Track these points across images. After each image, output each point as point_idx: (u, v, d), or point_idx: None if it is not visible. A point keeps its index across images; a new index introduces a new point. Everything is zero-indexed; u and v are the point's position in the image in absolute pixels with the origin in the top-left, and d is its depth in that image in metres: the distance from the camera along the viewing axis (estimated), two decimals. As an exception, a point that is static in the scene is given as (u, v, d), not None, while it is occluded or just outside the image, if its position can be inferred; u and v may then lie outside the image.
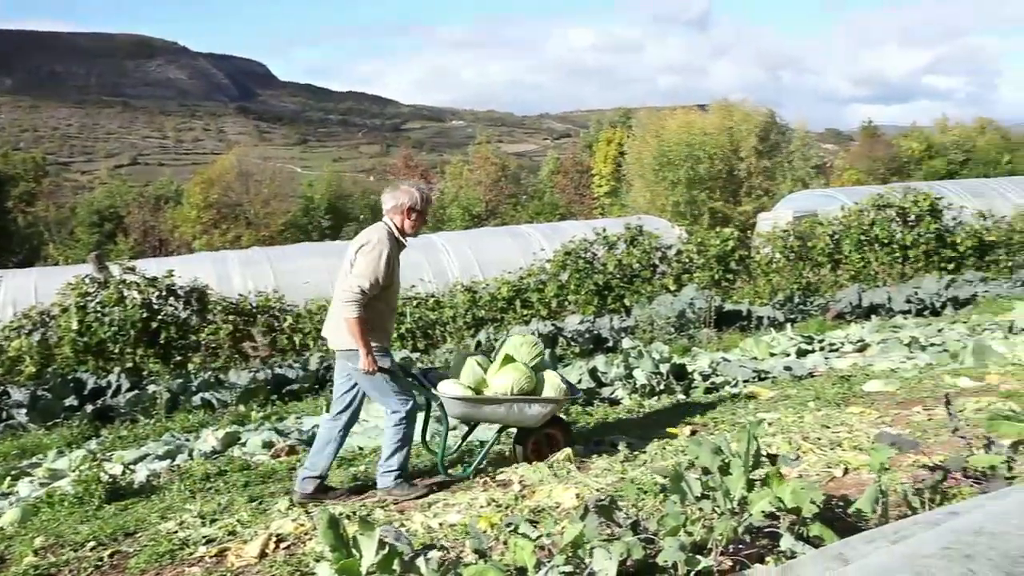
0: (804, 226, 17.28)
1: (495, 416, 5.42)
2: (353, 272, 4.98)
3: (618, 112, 61.78)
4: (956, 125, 56.13)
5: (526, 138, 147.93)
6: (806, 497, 3.33)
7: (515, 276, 14.62)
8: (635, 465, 5.33)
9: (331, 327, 5.18)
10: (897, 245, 16.31)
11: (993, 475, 4.08)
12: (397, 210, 5.19)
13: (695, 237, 15.70)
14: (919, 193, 17.25)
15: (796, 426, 5.92)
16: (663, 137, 38.54)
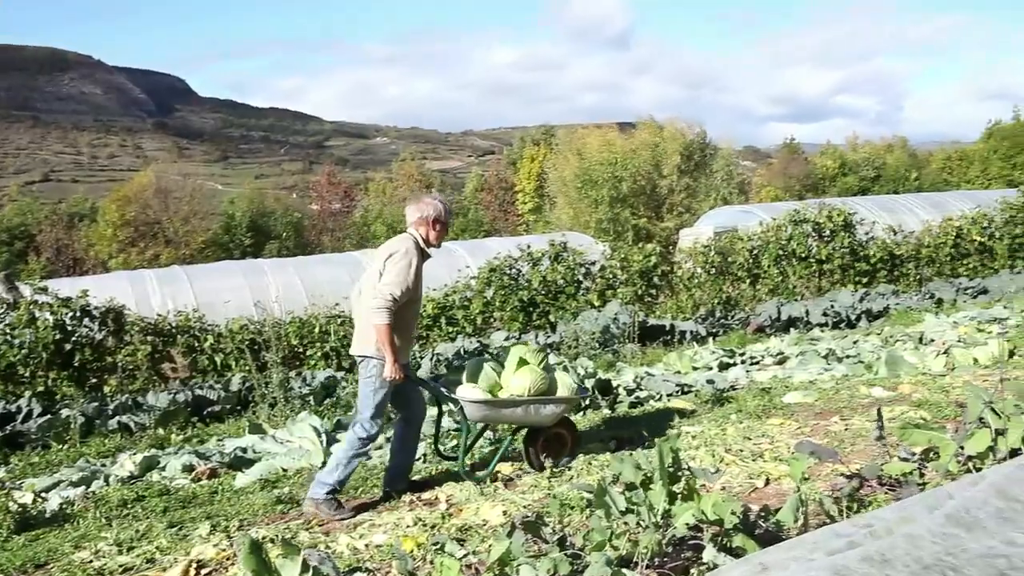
0: (724, 242, 17.63)
1: (513, 417, 5.61)
2: (384, 280, 5.08)
3: (541, 129, 62.26)
4: (867, 143, 58.13)
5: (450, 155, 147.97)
6: (728, 508, 3.38)
7: (440, 293, 14.58)
8: (561, 481, 5.35)
9: (356, 335, 5.32)
10: (814, 259, 16.77)
11: (906, 482, 4.20)
12: (422, 221, 5.32)
13: (618, 253, 15.87)
14: (833, 209, 17.79)
15: (719, 438, 6.01)
16: (585, 155, 38.94)
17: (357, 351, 5.26)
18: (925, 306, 13.64)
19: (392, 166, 59.50)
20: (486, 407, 5.50)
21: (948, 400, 6.54)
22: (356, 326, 5.36)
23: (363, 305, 5.20)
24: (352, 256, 19.29)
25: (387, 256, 5.18)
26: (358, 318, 5.33)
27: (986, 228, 19.02)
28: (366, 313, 5.12)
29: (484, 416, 5.59)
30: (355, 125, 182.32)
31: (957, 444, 4.22)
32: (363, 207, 51.43)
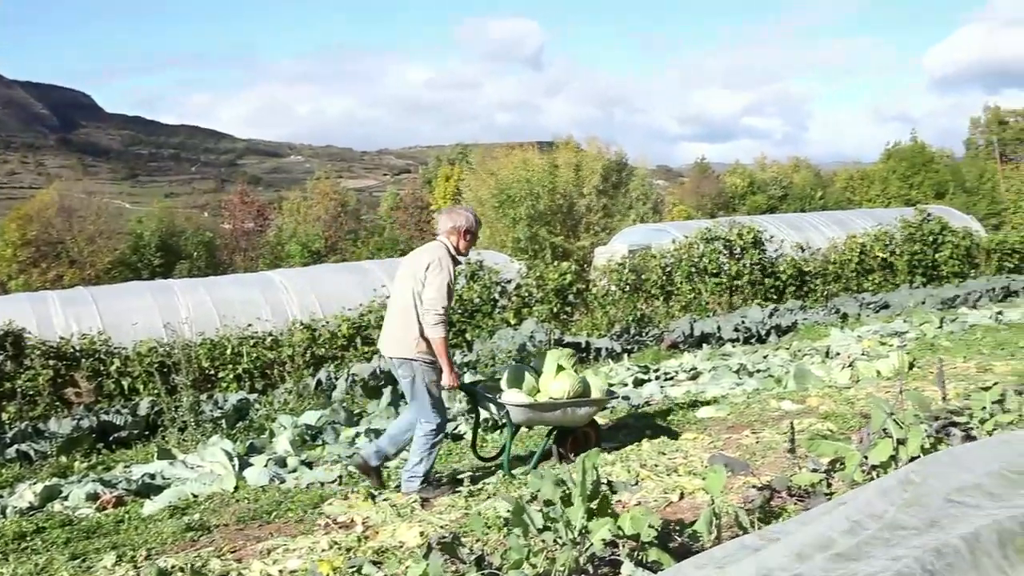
0: (638, 259, 17.89)
1: (552, 419, 6.00)
2: (428, 295, 5.35)
3: (457, 148, 62.36)
4: (774, 163, 59.89)
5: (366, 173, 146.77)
6: (644, 523, 3.42)
7: (356, 313, 14.42)
8: (479, 500, 5.34)
9: (392, 338, 5.56)
10: (725, 276, 17.14)
11: (814, 492, 4.32)
12: (454, 231, 5.62)
13: (534, 271, 15.95)
14: (744, 227, 18.24)
15: (634, 454, 6.08)
16: (501, 175, 39.13)
17: (395, 353, 5.51)
18: (831, 321, 14.06)
19: (307, 184, 58.61)
20: (529, 410, 5.88)
21: (853, 411, 6.75)
22: (387, 328, 5.64)
23: (401, 310, 5.51)
24: (266, 276, 18.92)
25: (425, 266, 5.43)
26: (388, 321, 5.66)
27: (888, 245, 19.75)
28: (409, 319, 5.42)
29: (527, 419, 5.98)
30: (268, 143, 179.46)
31: (862, 454, 4.35)
32: (277, 226, 50.59)
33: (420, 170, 77.45)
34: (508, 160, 40.23)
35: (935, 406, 5.20)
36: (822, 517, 2.29)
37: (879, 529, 2.24)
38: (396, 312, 5.57)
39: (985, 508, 2.13)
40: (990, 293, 16.80)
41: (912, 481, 2.39)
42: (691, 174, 62.71)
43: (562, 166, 39.04)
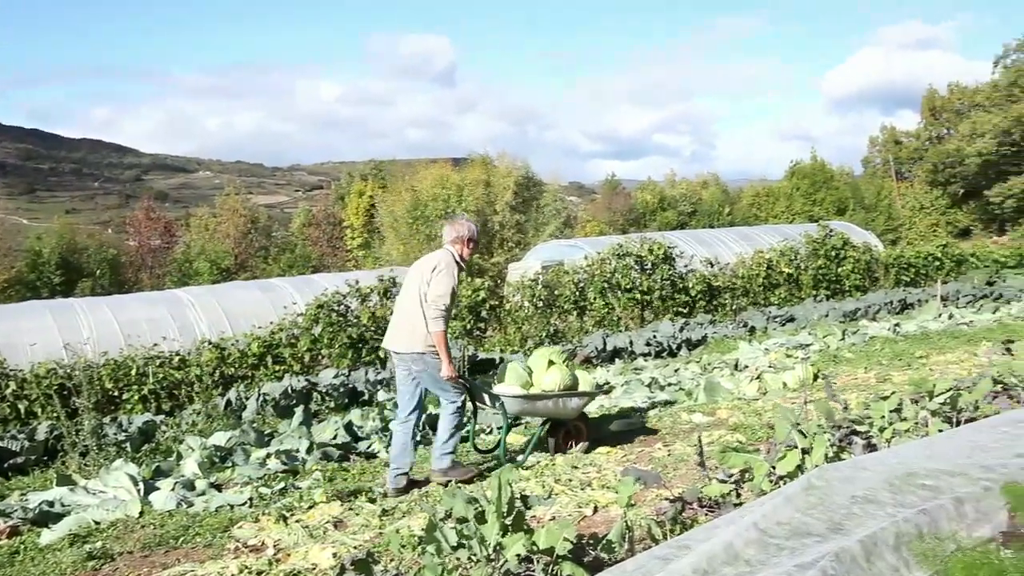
0: (551, 275, 18.04)
1: (545, 409, 6.37)
2: (433, 293, 5.80)
3: (369, 164, 61.89)
4: (683, 180, 61.07)
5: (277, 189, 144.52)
6: (559, 536, 3.43)
7: (266, 331, 14.16)
8: (394, 519, 5.28)
9: (401, 335, 5.98)
10: (637, 291, 17.40)
11: (724, 503, 4.40)
12: (458, 240, 6.10)
13: (448, 288, 15.91)
14: (654, 242, 18.56)
15: (548, 469, 6.10)
16: (416, 191, 39.01)
17: (405, 348, 5.93)
18: (740, 334, 14.39)
19: (216, 201, 57.33)
20: (523, 401, 6.25)
21: (761, 423, 6.90)
22: (396, 327, 6.08)
23: (409, 311, 5.93)
24: (173, 294, 18.43)
25: (432, 269, 5.90)
26: (396, 320, 6.10)
27: (793, 260, 20.35)
28: (417, 318, 5.84)
29: (521, 409, 6.36)
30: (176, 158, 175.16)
31: (769, 464, 4.45)
32: (185, 243, 49.36)
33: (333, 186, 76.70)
34: (424, 176, 40.13)
35: (838, 416, 5.35)
36: (730, 526, 2.34)
37: (785, 537, 2.29)
38: (404, 313, 6.00)
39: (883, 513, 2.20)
40: (888, 306, 17.44)
41: (815, 488, 2.46)
42: (603, 190, 63.55)
43: (474, 182, 39.12)
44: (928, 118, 56.12)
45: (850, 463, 2.84)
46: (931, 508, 2.21)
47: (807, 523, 2.29)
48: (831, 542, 2.17)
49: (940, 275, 22.75)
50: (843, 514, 2.39)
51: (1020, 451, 2.77)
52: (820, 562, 1.98)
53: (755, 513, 2.39)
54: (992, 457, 2.75)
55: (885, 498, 2.43)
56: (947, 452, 3.01)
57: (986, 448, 2.90)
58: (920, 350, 10.54)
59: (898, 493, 2.42)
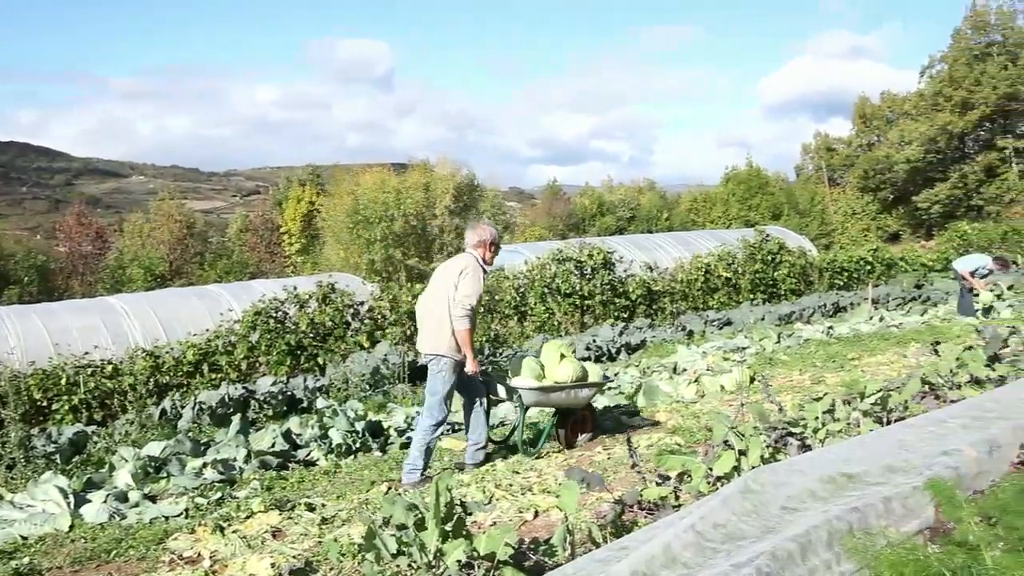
0: (491, 280, 18.04)
1: (558, 400, 6.67)
2: (460, 294, 6.07)
3: (308, 169, 61.25)
4: (622, 185, 61.65)
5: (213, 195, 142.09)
6: (500, 541, 3.42)
7: (202, 338, 13.92)
8: (333, 527, 5.22)
9: (430, 338, 6.22)
10: (578, 296, 17.49)
11: (663, 505, 4.43)
12: (480, 244, 6.37)
13: (387, 293, 15.83)
14: (594, 248, 18.70)
15: (489, 474, 6.10)
16: (357, 195, 38.74)
17: (430, 350, 6.18)
18: (678, 338, 14.56)
19: (150, 206, 56.13)
20: (539, 392, 6.55)
21: (699, 425, 6.98)
22: (426, 330, 6.30)
23: (435, 313, 6.17)
24: (106, 301, 18.01)
25: (459, 272, 6.15)
26: (425, 323, 6.31)
27: (731, 264, 20.67)
28: (443, 319, 6.09)
29: (536, 400, 6.61)
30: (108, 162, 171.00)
31: (707, 466, 4.51)
32: (118, 249, 48.25)
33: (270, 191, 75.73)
34: (364, 181, 39.87)
35: (773, 418, 5.44)
36: (668, 529, 2.36)
37: (721, 540, 2.32)
38: (432, 314, 6.24)
39: (816, 511, 2.24)
40: (822, 309, 17.82)
41: (751, 490, 2.50)
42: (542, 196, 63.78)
43: (414, 187, 38.99)
44: (859, 125, 57.52)
45: (785, 464, 2.89)
46: (861, 506, 2.26)
47: (743, 525, 2.32)
48: (766, 541, 2.20)
49: (871, 279, 23.32)
50: (778, 514, 2.43)
51: (946, 449, 2.85)
52: (756, 560, 2.01)
53: (693, 516, 2.42)
54: (919, 456, 2.82)
55: (819, 497, 2.48)
56: (878, 451, 3.08)
57: (913, 447, 2.97)
58: (852, 352, 10.77)
59: (831, 492, 2.46)
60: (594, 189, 60.21)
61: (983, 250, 26.36)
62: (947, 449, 2.86)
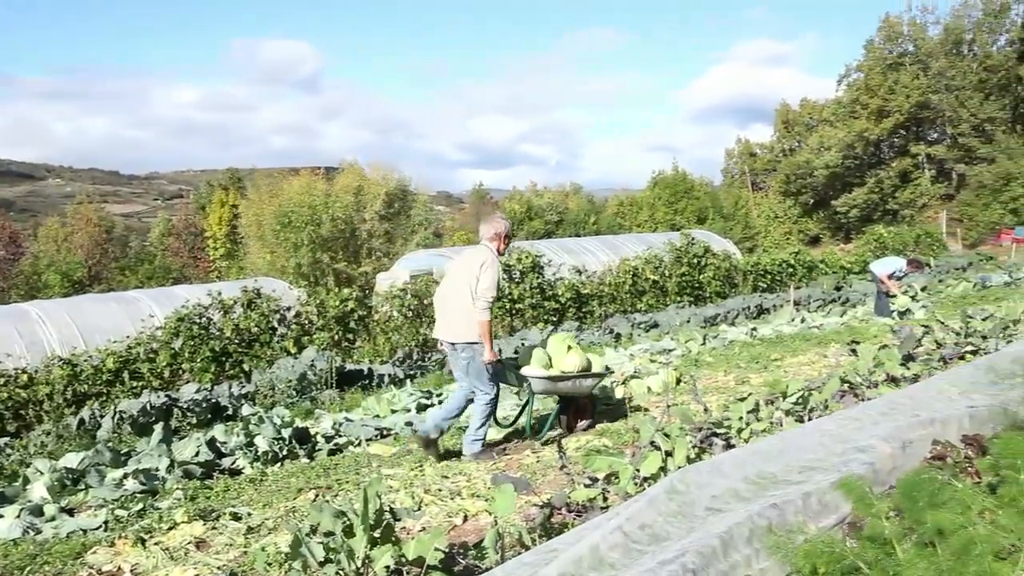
0: (420, 284, 17.97)
1: (564, 388, 7.02)
2: (482, 286, 6.37)
3: (232, 172, 60.23)
4: (549, 189, 62.01)
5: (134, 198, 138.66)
6: (429, 546, 3.42)
7: (123, 345, 13.57)
8: (259, 536, 5.14)
9: (456, 327, 6.53)
10: (506, 300, 17.52)
11: (591, 507, 4.47)
12: (496, 237, 6.73)
13: (314, 298, 15.65)
14: (523, 251, 18.77)
15: (418, 480, 6.07)
16: (283, 199, 38.23)
17: (459, 339, 6.49)
18: (606, 341, 14.69)
19: (67, 209, 54.54)
20: (548, 381, 6.91)
21: (627, 427, 7.06)
22: (448, 320, 6.60)
23: (459, 302, 6.47)
24: (20, 308, 17.42)
25: (480, 265, 6.44)
26: (449, 313, 6.59)
27: (658, 268, 20.96)
28: (468, 308, 6.39)
29: (544, 388, 6.99)
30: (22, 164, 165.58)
31: (634, 467, 4.56)
32: (33, 254, 46.77)
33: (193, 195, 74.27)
34: (291, 184, 39.37)
35: (699, 418, 5.53)
36: (595, 530, 2.38)
37: (648, 540, 2.35)
38: (456, 306, 6.51)
39: (739, 509, 2.29)
40: (746, 311, 18.17)
41: (677, 490, 2.54)
42: (471, 200, 63.86)
43: (343, 190, 38.67)
44: (781, 131, 58.91)
45: (708, 464, 2.94)
46: (781, 502, 2.31)
47: (669, 526, 2.36)
48: (692, 539, 2.24)
49: (793, 281, 23.88)
50: (703, 515, 2.47)
51: (861, 445, 2.93)
52: (681, 558, 2.04)
53: (620, 517, 2.45)
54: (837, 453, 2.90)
55: (742, 496, 2.53)
56: (798, 449, 3.15)
57: (832, 445, 3.05)
58: (775, 353, 11.01)
59: (753, 491, 2.52)
60: (522, 193, 60.43)
61: (898, 253, 27.29)
62: (863, 446, 2.95)
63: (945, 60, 48.29)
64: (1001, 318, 10.53)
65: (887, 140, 52.04)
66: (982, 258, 28.92)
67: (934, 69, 48.20)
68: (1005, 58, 47.10)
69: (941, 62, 48.19)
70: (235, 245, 48.00)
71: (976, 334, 9.37)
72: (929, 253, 30.81)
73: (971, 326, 9.86)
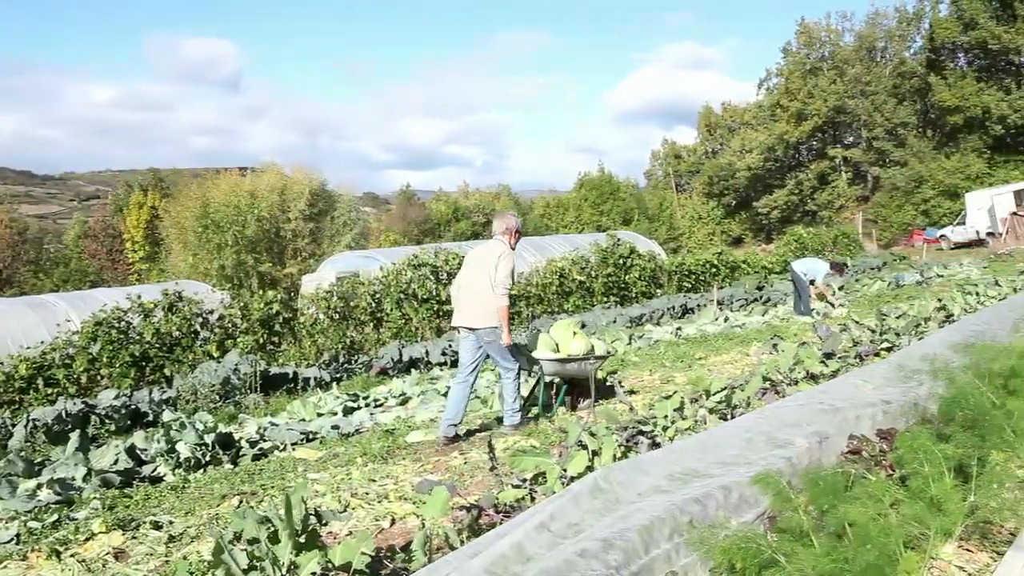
0: (347, 286, 17.80)
1: (571, 370, 7.60)
2: (500, 276, 6.93)
3: (152, 173, 58.82)
4: (477, 191, 62.04)
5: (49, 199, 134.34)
6: (355, 551, 3.38)
7: (36, 351, 13.14)
8: (181, 545, 5.03)
9: (477, 314, 7.00)
10: (434, 301, 17.46)
11: (519, 507, 4.48)
12: (507, 231, 7.24)
13: (238, 301, 15.37)
14: (450, 253, 18.73)
15: (345, 483, 6.01)
16: (206, 199, 37.49)
17: (480, 324, 6.97)
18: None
19: (-25, 211, 52.60)
20: (557, 364, 7.55)
21: (554, 427, 7.09)
22: (468, 307, 7.06)
23: (478, 290, 6.99)
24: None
25: (497, 256, 6.99)
26: (469, 302, 7.06)
27: (584, 268, 21.12)
28: (485, 295, 6.92)
29: (555, 370, 7.57)
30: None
31: (561, 467, 4.59)
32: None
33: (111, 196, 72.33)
34: (214, 185, 38.62)
35: (625, 417, 5.60)
36: (519, 528, 2.39)
37: (573, 536, 2.37)
38: (477, 294, 7.00)
39: (660, 506, 2.32)
40: (671, 311, 18.43)
41: (601, 488, 2.56)
42: (397, 201, 63.50)
43: (266, 191, 38.10)
44: (704, 134, 59.95)
45: (632, 461, 2.97)
46: (703, 497, 2.35)
47: (593, 521, 2.38)
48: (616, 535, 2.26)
49: (717, 281, 24.31)
50: (626, 509, 2.49)
51: (781, 441, 3.00)
52: (604, 555, 2.06)
53: (543, 513, 2.46)
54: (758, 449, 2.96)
55: (665, 491, 2.56)
56: (721, 446, 3.21)
57: (753, 441, 3.12)
58: (699, 352, 11.19)
59: (676, 487, 2.55)
60: (449, 195, 60.36)
61: (817, 253, 28.02)
62: (782, 441, 3.01)
63: (860, 66, 49.72)
64: (913, 316, 10.90)
65: (806, 143, 53.42)
66: (896, 258, 29.83)
67: (850, 74, 49.58)
68: (917, 65, 48.70)
69: (856, 68, 49.61)
70: (156, 247, 46.90)
71: (891, 332, 9.69)
72: (846, 253, 31.70)
73: (886, 324, 10.19)
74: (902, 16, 50.47)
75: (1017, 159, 43.71)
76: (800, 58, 52.43)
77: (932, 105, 47.21)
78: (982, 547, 3.45)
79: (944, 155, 44.98)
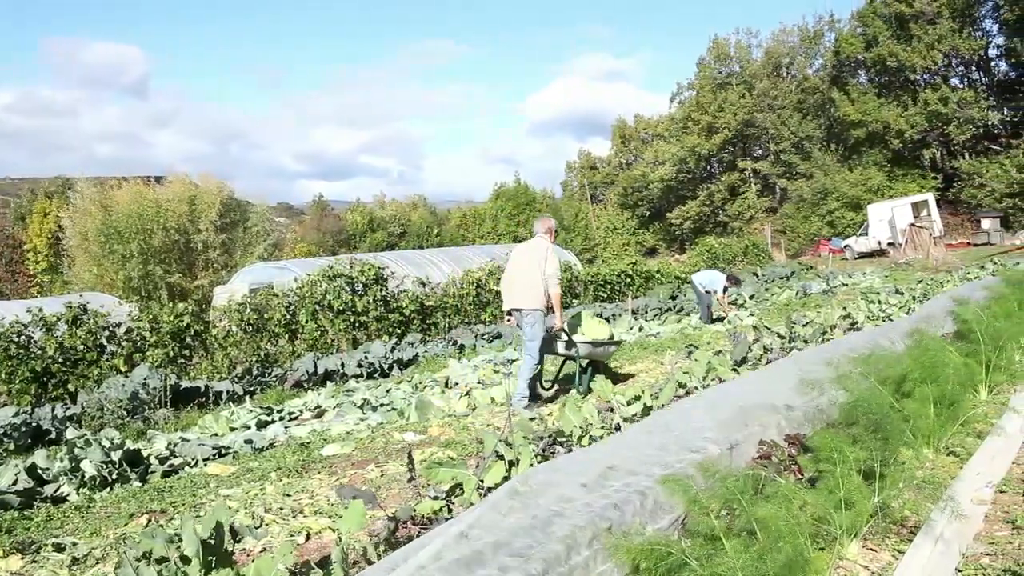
0: (260, 298, 17.49)
1: (598, 352, 8.59)
2: (551, 268, 8.06)
3: (55, 181, 56.87)
4: (393, 201, 61.76)
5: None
6: (270, 568, 3.32)
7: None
8: (86, 567, 4.86)
9: (527, 297, 8.07)
10: (351, 312, 17.29)
11: (437, 519, 4.46)
12: (548, 231, 8.44)
13: (147, 313, 14.95)
14: (365, 264, 18.57)
15: (259, 499, 5.89)
16: (111, 208, 36.41)
17: (527, 306, 8.04)
18: (450, 352, 14.71)
19: None
20: (591, 346, 8.45)
21: (471, 438, 7.09)
22: (516, 292, 8.18)
23: (527, 279, 8.08)
24: None
25: (545, 250, 8.17)
26: (519, 290, 8.13)
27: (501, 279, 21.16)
28: (535, 283, 8.01)
29: (589, 352, 8.46)
30: None
31: (478, 478, 4.58)
32: None
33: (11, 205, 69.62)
34: (119, 193, 37.52)
35: (540, 427, 5.62)
36: (438, 537, 2.38)
37: (493, 545, 2.37)
38: (528, 282, 8.08)
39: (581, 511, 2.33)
40: (587, 320, 18.56)
41: (519, 492, 2.57)
42: (311, 212, 62.76)
43: (175, 200, 37.22)
44: (618, 145, 60.84)
45: (549, 465, 2.99)
46: (620, 502, 2.38)
47: (513, 527, 2.38)
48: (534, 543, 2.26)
49: (631, 291, 24.65)
50: (546, 515, 2.51)
51: (695, 447, 3.06)
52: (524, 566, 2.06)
53: (462, 522, 2.46)
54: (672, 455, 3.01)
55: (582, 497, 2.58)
56: (636, 449, 3.25)
57: (666, 446, 3.17)
58: (615, 361, 11.31)
59: (593, 491, 2.58)
60: (365, 205, 59.92)
61: (711, 265, 28.71)
62: (696, 447, 3.07)
63: (767, 81, 51.16)
64: (820, 323, 11.24)
65: (717, 155, 54.67)
66: (803, 267, 30.69)
67: (758, 89, 50.99)
68: (820, 80, 50.34)
69: (764, 83, 51.03)
70: (58, 258, 45.35)
71: (799, 338, 9.97)
72: (756, 263, 32.49)
73: (795, 331, 10.48)
74: (803, 34, 52.16)
75: (914, 172, 45.51)
76: (712, 72, 53.69)
77: (836, 120, 48.83)
78: (884, 546, 3.59)
79: (848, 168, 46.54)
